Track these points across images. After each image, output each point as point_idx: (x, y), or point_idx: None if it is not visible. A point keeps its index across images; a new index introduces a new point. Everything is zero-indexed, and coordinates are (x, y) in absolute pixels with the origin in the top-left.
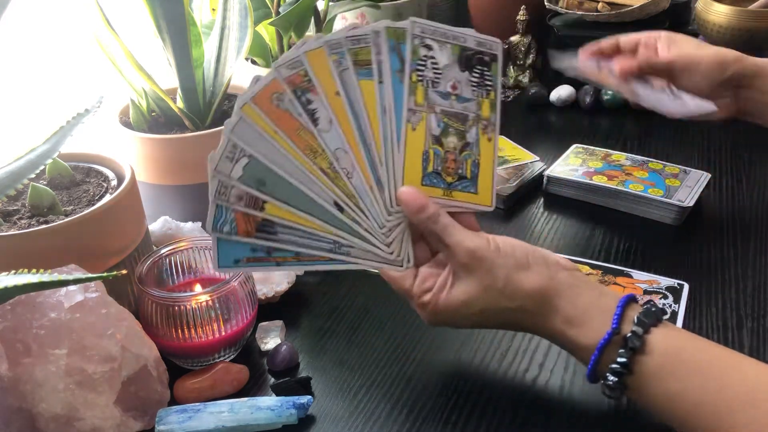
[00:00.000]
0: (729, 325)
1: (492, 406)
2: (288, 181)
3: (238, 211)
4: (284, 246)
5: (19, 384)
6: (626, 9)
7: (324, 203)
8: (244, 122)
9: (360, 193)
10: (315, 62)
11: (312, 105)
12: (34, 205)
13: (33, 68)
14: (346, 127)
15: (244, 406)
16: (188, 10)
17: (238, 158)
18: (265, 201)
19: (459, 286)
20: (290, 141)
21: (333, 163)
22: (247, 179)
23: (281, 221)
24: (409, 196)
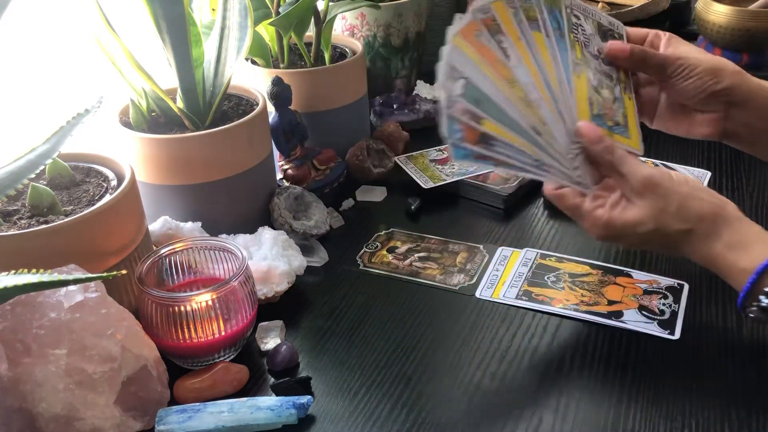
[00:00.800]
0: (729, 325)
1: (492, 406)
2: (495, 102)
3: (464, 123)
4: (500, 157)
5: (19, 384)
6: (626, 9)
7: (526, 127)
8: (456, 50)
9: (549, 122)
10: (499, 11)
11: (503, 44)
12: (34, 205)
13: (33, 68)
14: (531, 67)
15: (244, 406)
16: (188, 10)
17: (457, 78)
18: (481, 117)
19: (632, 207)
20: (493, 69)
21: (527, 94)
22: (467, 96)
23: (496, 136)
24: (588, 128)
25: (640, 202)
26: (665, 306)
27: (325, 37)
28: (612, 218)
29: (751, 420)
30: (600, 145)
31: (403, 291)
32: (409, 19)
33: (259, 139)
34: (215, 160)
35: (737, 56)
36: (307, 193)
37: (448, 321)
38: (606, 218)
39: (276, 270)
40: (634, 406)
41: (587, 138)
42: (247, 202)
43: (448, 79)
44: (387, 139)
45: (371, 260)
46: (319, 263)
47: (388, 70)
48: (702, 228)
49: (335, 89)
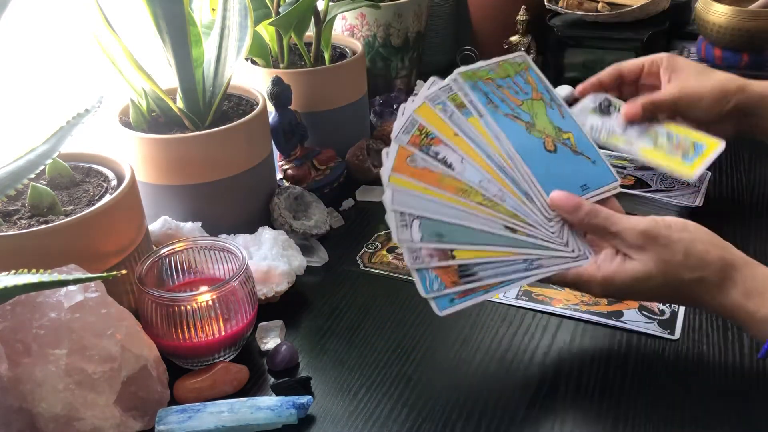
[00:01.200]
0: (729, 325)
1: (492, 406)
2: (458, 224)
3: (435, 268)
4: (488, 282)
5: (19, 384)
6: (626, 9)
7: (498, 231)
8: (397, 191)
9: (518, 211)
10: (425, 115)
11: (440, 154)
12: (34, 205)
13: (33, 68)
14: (478, 159)
15: (244, 406)
16: (188, 10)
17: (410, 223)
18: (451, 249)
19: (634, 263)
20: (440, 190)
21: (484, 194)
22: (427, 237)
23: (474, 261)
24: (561, 200)
25: (642, 257)
26: (665, 306)
27: (325, 37)
28: (609, 275)
29: (751, 420)
30: (580, 211)
31: (403, 291)
32: (409, 19)
33: (259, 139)
34: (215, 160)
35: (737, 56)
36: (307, 193)
37: (448, 321)
38: (601, 276)
39: (276, 270)
40: (634, 407)
41: (563, 209)
42: (247, 202)
43: (401, 229)
44: (387, 139)
45: (371, 260)
46: (319, 263)
47: (388, 70)
48: (713, 275)
49: (335, 89)
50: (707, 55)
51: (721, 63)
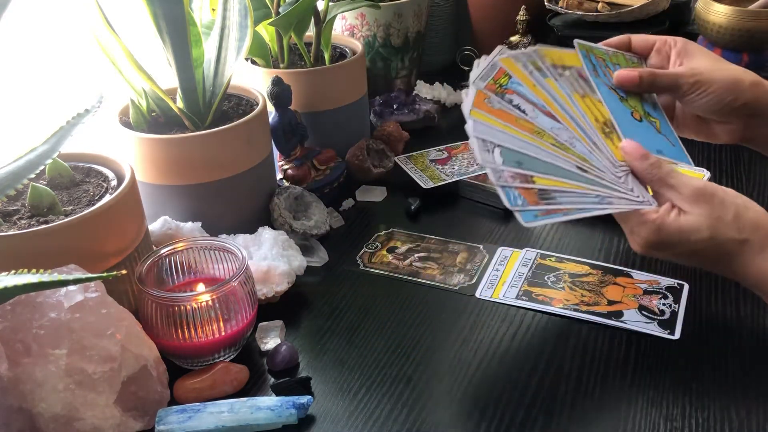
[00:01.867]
0: (729, 325)
1: (492, 406)
2: (535, 157)
3: (518, 188)
4: (567, 207)
5: (19, 384)
6: (626, 9)
7: (571, 168)
8: (477, 123)
9: (588, 156)
10: (510, 66)
11: (514, 102)
12: (34, 205)
13: (33, 68)
14: (554, 108)
15: (244, 406)
16: (188, 10)
17: (492, 149)
18: (531, 176)
19: (686, 215)
20: (517, 127)
21: (557, 137)
22: (508, 162)
23: (552, 188)
24: (631, 146)
25: (695, 210)
26: (665, 306)
27: (325, 37)
28: (665, 222)
29: (751, 420)
30: (645, 161)
31: (403, 291)
32: (409, 19)
33: (259, 139)
34: (215, 160)
35: (737, 56)
36: (307, 193)
37: (448, 321)
38: (659, 222)
39: (276, 270)
40: (634, 406)
41: (632, 156)
42: (247, 202)
43: (484, 153)
44: (387, 139)
45: (371, 260)
46: (319, 263)
47: (388, 70)
48: (757, 239)
49: (335, 89)
50: None
51: None
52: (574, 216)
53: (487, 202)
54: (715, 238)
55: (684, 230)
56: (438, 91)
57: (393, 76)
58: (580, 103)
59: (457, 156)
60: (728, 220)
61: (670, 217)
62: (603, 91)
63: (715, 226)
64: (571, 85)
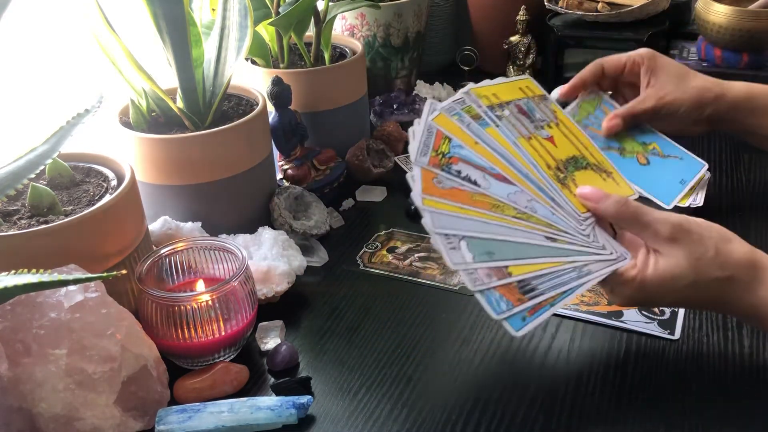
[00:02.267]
0: (729, 325)
1: (492, 406)
2: (504, 240)
3: (497, 287)
4: (550, 294)
5: (19, 384)
6: (626, 9)
7: (540, 242)
8: (434, 214)
9: (551, 219)
10: (444, 124)
11: (462, 173)
12: (34, 205)
13: (33, 68)
14: (502, 166)
15: (244, 406)
16: (188, 10)
17: (458, 244)
18: (506, 266)
19: (666, 259)
20: (474, 207)
21: (516, 207)
22: (478, 256)
23: (530, 275)
24: (591, 192)
25: (673, 251)
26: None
27: (325, 37)
28: (645, 279)
29: (751, 420)
30: (608, 201)
31: (403, 291)
32: (409, 19)
33: (259, 139)
34: (215, 160)
35: (737, 56)
36: (307, 193)
37: (448, 321)
38: (639, 278)
39: (276, 270)
40: (634, 406)
41: (594, 201)
42: (247, 202)
43: (451, 252)
44: (387, 139)
45: (371, 260)
46: (319, 263)
47: (388, 70)
48: (743, 274)
49: (335, 89)
50: (707, 55)
51: (721, 63)
52: (559, 304)
53: None
54: (698, 280)
55: (666, 278)
56: (438, 91)
57: (393, 76)
58: (527, 148)
59: None
60: (709, 257)
61: (649, 269)
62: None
63: (696, 267)
64: (514, 127)
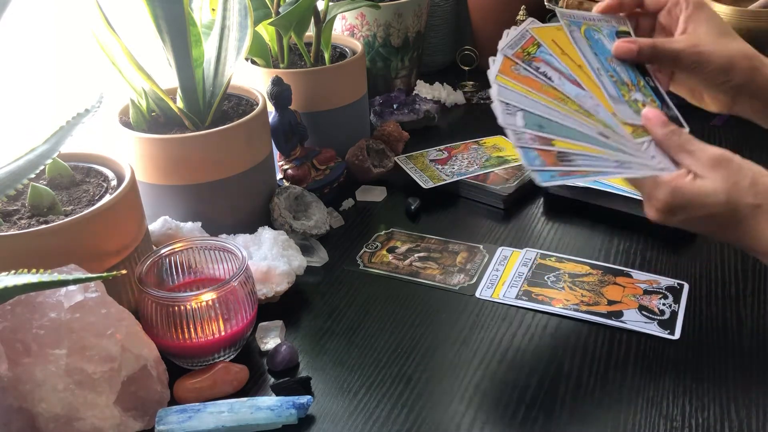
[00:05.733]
0: (729, 325)
1: (492, 406)
2: (557, 121)
3: (538, 149)
4: (585, 169)
5: (19, 384)
6: None
7: (593, 134)
8: (502, 87)
9: (610, 123)
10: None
11: (541, 69)
12: (34, 205)
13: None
14: (580, 75)
15: (244, 406)
16: (188, 10)
17: (514, 112)
18: (551, 139)
19: (703, 180)
20: (542, 94)
21: (582, 105)
22: (530, 125)
23: (570, 150)
24: (653, 113)
25: (712, 175)
26: (665, 306)
27: (325, 37)
28: (680, 184)
29: (751, 420)
30: (666, 128)
31: (403, 291)
32: (409, 19)
33: (259, 139)
34: (215, 160)
35: None
36: (307, 193)
37: (448, 321)
38: (674, 184)
39: (276, 270)
40: (634, 406)
41: (654, 122)
42: (247, 202)
43: (506, 115)
44: (387, 139)
45: (371, 260)
46: (319, 263)
47: (388, 70)
48: None
49: (335, 89)
50: None
51: None
52: (591, 178)
53: (486, 202)
54: (731, 202)
55: (701, 193)
56: (438, 91)
57: (393, 76)
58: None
59: (457, 156)
60: (745, 186)
61: (687, 180)
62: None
63: (731, 190)
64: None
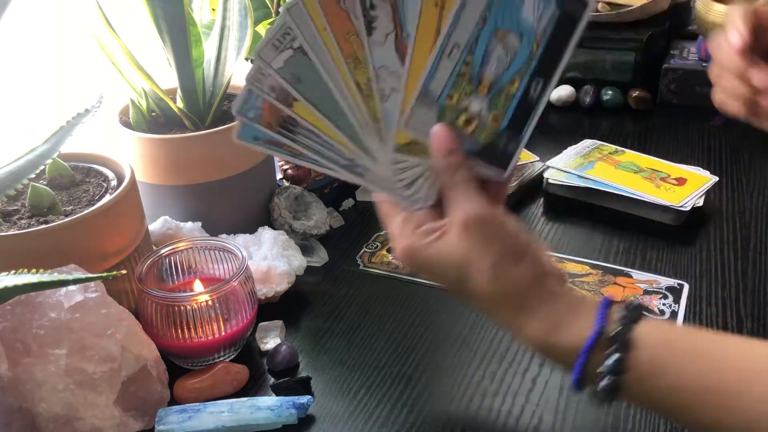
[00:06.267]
0: (729, 325)
1: (492, 406)
2: (324, 83)
3: (267, 101)
4: (298, 147)
5: (19, 384)
6: (626, 9)
7: (352, 119)
8: (300, 9)
9: (388, 118)
10: None
11: (374, 12)
12: (34, 205)
13: (33, 68)
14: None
15: (244, 406)
16: (188, 10)
17: (284, 48)
18: (295, 99)
19: (448, 240)
20: (336, 43)
21: (371, 80)
22: (285, 72)
23: (304, 123)
24: (441, 134)
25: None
26: (665, 306)
27: None
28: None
29: None
30: (448, 158)
31: (403, 291)
32: None
33: None
34: (215, 160)
35: None
36: (307, 193)
37: (448, 321)
38: (409, 243)
39: (276, 270)
40: (634, 406)
41: (436, 145)
42: (247, 202)
43: (271, 47)
44: None
45: (371, 260)
46: (319, 263)
47: None
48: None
49: None
50: (707, 55)
51: None
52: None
53: None
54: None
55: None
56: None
57: None
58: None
59: None
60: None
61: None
62: None
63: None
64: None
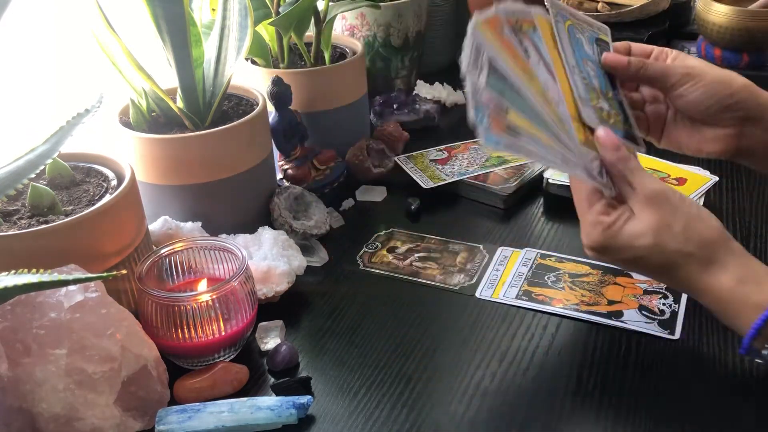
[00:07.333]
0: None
1: (492, 406)
2: (518, 93)
3: (491, 114)
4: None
5: (19, 384)
6: (626, 9)
7: (548, 120)
8: (480, 35)
9: (566, 122)
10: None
11: (524, 44)
12: (34, 205)
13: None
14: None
15: (244, 406)
16: (188, 10)
17: (481, 68)
18: (507, 108)
19: (636, 221)
20: (513, 61)
21: (546, 91)
22: (492, 86)
23: (522, 129)
24: (606, 136)
25: (644, 215)
26: (665, 306)
27: (325, 37)
28: (612, 227)
29: (751, 420)
30: (617, 153)
31: (403, 291)
32: (409, 19)
33: (259, 139)
34: (215, 160)
35: (737, 56)
36: (307, 193)
37: (448, 321)
38: (608, 222)
39: (276, 270)
40: (634, 407)
41: (605, 145)
42: (247, 202)
43: (473, 66)
44: (387, 139)
45: (371, 260)
46: (319, 263)
47: (388, 70)
48: (703, 254)
49: (335, 89)
50: (707, 55)
51: (721, 63)
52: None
53: (487, 202)
54: (657, 245)
55: (629, 235)
56: (438, 91)
57: (393, 76)
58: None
59: (457, 156)
60: (676, 230)
61: (619, 222)
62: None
63: (659, 232)
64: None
